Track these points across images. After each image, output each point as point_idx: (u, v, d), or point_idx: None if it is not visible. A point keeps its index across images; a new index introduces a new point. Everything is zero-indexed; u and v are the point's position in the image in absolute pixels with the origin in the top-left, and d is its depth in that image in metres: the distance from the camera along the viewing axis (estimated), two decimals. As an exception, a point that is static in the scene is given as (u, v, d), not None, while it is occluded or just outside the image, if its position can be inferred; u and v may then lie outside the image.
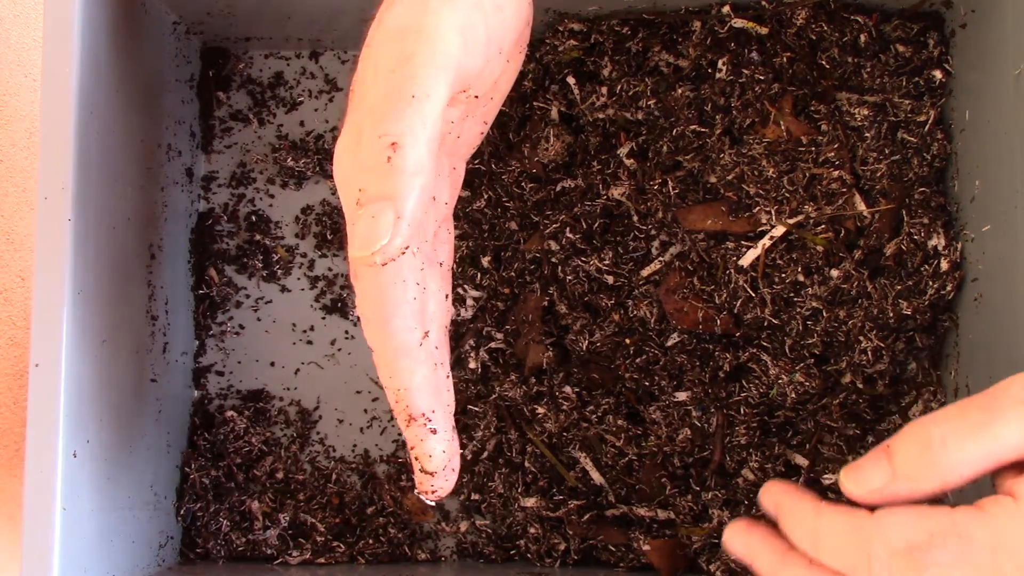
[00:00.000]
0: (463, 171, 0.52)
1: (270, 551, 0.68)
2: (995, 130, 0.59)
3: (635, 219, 0.65)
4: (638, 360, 0.65)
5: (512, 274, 0.68)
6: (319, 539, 0.68)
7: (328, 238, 0.71)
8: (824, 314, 0.62)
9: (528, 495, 0.66)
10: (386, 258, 0.42)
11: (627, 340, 0.65)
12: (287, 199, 0.72)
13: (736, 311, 0.63)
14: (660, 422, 0.64)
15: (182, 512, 0.68)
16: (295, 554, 0.68)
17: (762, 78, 0.64)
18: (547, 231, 0.66)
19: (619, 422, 0.65)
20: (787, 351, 0.63)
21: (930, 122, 0.64)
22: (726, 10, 0.65)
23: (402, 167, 0.42)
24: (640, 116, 0.66)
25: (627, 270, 0.65)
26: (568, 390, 0.66)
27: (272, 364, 0.71)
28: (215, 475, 0.68)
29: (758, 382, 0.63)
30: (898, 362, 0.64)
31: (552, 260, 0.67)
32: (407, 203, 0.42)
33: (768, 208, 0.62)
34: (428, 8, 0.44)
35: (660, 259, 0.65)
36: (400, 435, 0.70)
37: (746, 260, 0.63)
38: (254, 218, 0.72)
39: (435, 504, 0.69)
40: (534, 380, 0.67)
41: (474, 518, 0.69)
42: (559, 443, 0.66)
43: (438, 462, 0.47)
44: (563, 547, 0.66)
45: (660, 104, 0.65)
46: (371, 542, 0.68)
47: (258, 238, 0.71)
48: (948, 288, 0.62)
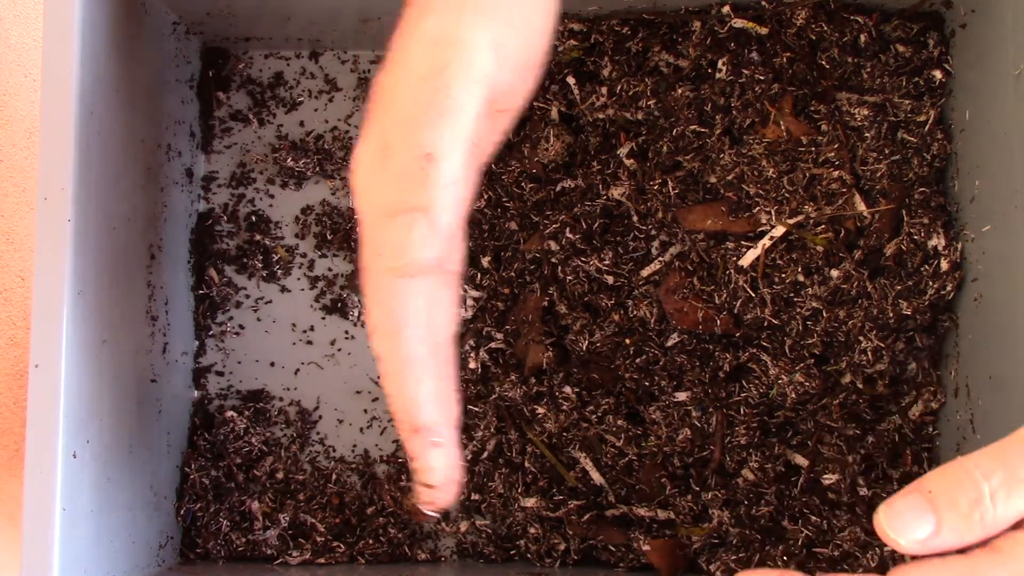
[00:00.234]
0: (478, 182, 0.52)
1: (270, 551, 0.68)
2: (995, 130, 0.59)
3: (635, 219, 0.65)
4: (638, 360, 0.65)
5: (512, 274, 0.68)
6: (319, 539, 0.68)
7: (328, 238, 0.71)
8: (824, 314, 0.62)
9: (528, 495, 0.66)
10: (416, 270, 0.42)
11: (627, 340, 0.65)
12: (287, 199, 0.72)
13: (736, 311, 0.63)
14: (660, 422, 0.64)
15: (182, 512, 0.68)
16: (295, 554, 0.68)
17: (762, 78, 0.64)
18: (547, 231, 0.66)
19: (619, 422, 0.65)
20: (787, 351, 0.63)
21: (930, 122, 0.64)
22: (726, 10, 0.65)
23: (437, 179, 0.41)
24: (640, 116, 0.66)
25: (627, 270, 0.65)
26: (568, 390, 0.66)
27: (272, 364, 0.71)
28: (215, 475, 0.68)
29: (758, 382, 0.63)
30: (898, 362, 0.64)
31: (552, 260, 0.67)
32: (443, 215, 0.41)
33: (768, 208, 0.62)
34: (462, 21, 0.43)
35: (660, 259, 0.64)
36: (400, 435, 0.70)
37: (746, 260, 0.63)
38: (254, 218, 0.72)
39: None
40: (534, 380, 0.67)
41: (474, 518, 0.69)
42: (559, 443, 0.66)
43: (440, 475, 0.46)
44: (563, 547, 0.66)
45: (660, 104, 0.65)
46: (371, 542, 0.68)
47: (258, 238, 0.71)
48: (948, 288, 0.62)
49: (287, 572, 0.66)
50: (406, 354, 0.44)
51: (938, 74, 0.64)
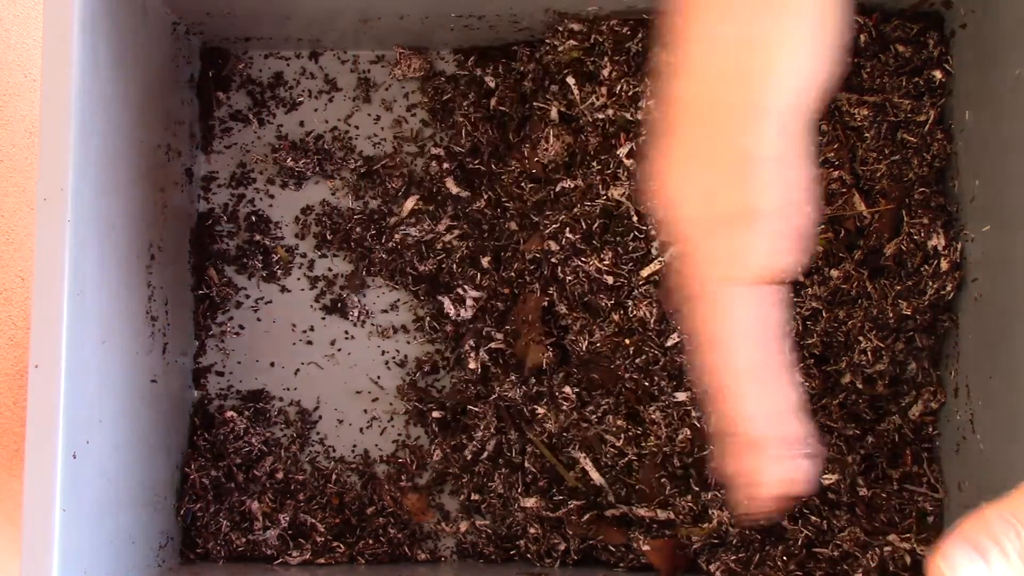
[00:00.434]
0: (810, 183, 0.50)
1: (270, 551, 0.68)
2: (995, 130, 0.59)
3: (635, 219, 0.65)
4: (638, 360, 0.65)
5: (512, 274, 0.68)
6: (319, 539, 0.68)
7: (328, 238, 0.71)
8: (824, 314, 0.62)
9: (528, 495, 0.66)
10: (755, 278, 0.41)
11: (627, 340, 0.65)
12: (287, 199, 0.72)
13: (736, 311, 0.63)
14: (660, 422, 0.64)
15: (182, 512, 0.68)
16: (295, 554, 0.68)
17: (762, 78, 0.64)
18: (547, 231, 0.66)
19: (619, 422, 0.65)
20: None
21: (930, 122, 0.64)
22: (726, 10, 0.65)
23: (792, 183, 0.40)
24: (640, 116, 0.66)
25: (627, 270, 0.65)
26: (568, 390, 0.66)
27: (272, 364, 0.71)
28: (215, 475, 0.68)
29: (758, 382, 0.63)
30: (898, 362, 0.64)
31: (552, 260, 0.67)
32: (797, 219, 0.40)
33: (768, 208, 0.62)
34: (765, 24, 0.42)
35: (660, 259, 0.65)
36: (400, 435, 0.70)
37: (746, 260, 0.63)
38: (254, 218, 0.72)
39: (434, 506, 0.70)
40: (534, 380, 0.67)
41: (474, 518, 0.69)
42: (559, 443, 0.66)
43: (775, 489, 0.44)
44: (563, 547, 0.66)
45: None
46: (371, 542, 0.68)
47: (258, 238, 0.71)
48: (948, 288, 0.62)
49: (287, 572, 0.66)
50: (741, 366, 0.42)
51: (938, 74, 0.64)
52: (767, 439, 0.43)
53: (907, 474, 0.64)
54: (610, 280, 0.65)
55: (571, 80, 0.67)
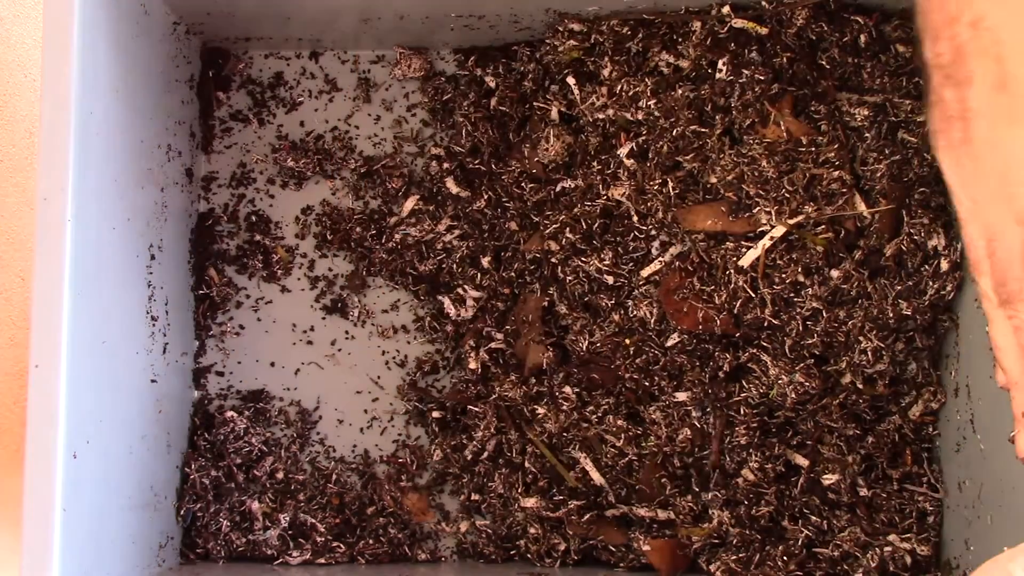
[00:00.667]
0: None
1: (270, 551, 0.68)
2: (995, 130, 0.59)
3: (635, 219, 0.65)
4: (638, 360, 0.65)
5: (512, 274, 0.68)
6: (319, 539, 0.68)
7: (328, 238, 0.71)
8: (824, 314, 0.62)
9: (528, 495, 0.66)
10: None
11: (627, 340, 0.65)
12: (287, 199, 0.72)
13: (736, 311, 0.63)
14: (660, 422, 0.64)
15: (182, 512, 0.68)
16: (295, 554, 0.68)
17: (762, 78, 0.64)
18: (547, 231, 0.66)
19: (619, 422, 0.65)
20: (787, 351, 0.63)
21: (926, 127, 0.64)
22: (726, 10, 0.65)
23: None
24: (640, 116, 0.65)
25: (627, 270, 0.65)
26: (568, 390, 0.66)
27: (272, 364, 0.71)
28: (215, 475, 0.68)
29: (758, 382, 0.63)
30: (898, 362, 0.64)
31: (552, 260, 0.67)
32: None
33: (768, 208, 0.62)
34: None
35: (660, 259, 0.64)
36: (400, 435, 0.70)
37: (746, 260, 0.63)
38: (254, 218, 0.72)
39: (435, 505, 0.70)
40: (534, 380, 0.67)
41: (474, 518, 0.69)
42: (559, 443, 0.66)
43: None
44: (563, 547, 0.66)
45: (660, 104, 0.65)
46: (371, 542, 0.68)
47: (258, 238, 0.71)
48: (948, 288, 0.62)
49: (287, 572, 0.66)
50: None
51: (938, 74, 0.64)
52: None
53: (907, 474, 0.64)
54: (610, 280, 0.65)
55: (571, 80, 0.67)
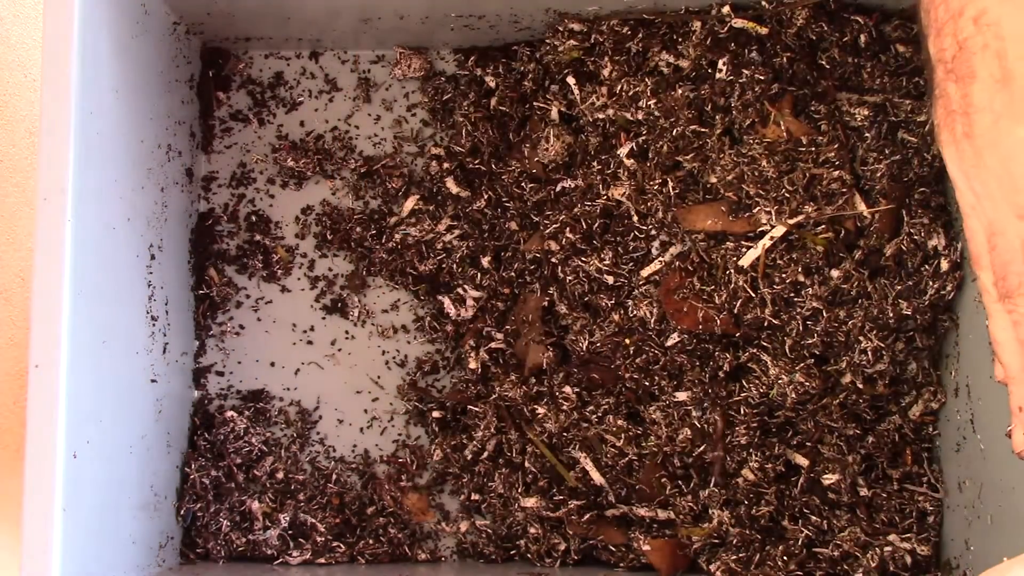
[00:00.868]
0: None
1: (270, 551, 0.68)
2: (995, 130, 0.59)
3: (635, 219, 0.65)
4: (638, 360, 0.65)
5: (512, 274, 0.68)
6: (319, 539, 0.68)
7: (328, 238, 0.71)
8: (824, 314, 0.62)
9: (528, 495, 0.66)
10: None
11: (627, 340, 0.65)
12: (287, 199, 0.72)
13: (736, 311, 0.63)
14: (660, 422, 0.64)
15: (182, 512, 0.68)
16: (295, 554, 0.68)
17: (762, 78, 0.64)
18: (547, 231, 0.66)
19: (619, 422, 0.65)
20: (787, 351, 0.63)
21: (930, 122, 0.64)
22: (726, 10, 0.65)
23: None
24: (640, 116, 0.65)
25: (627, 270, 0.65)
26: (568, 390, 0.66)
27: (272, 364, 0.71)
28: (215, 475, 0.68)
29: (758, 382, 0.63)
30: (898, 362, 0.64)
31: (552, 260, 0.67)
32: None
33: (768, 208, 0.62)
34: None
35: (660, 259, 0.64)
36: (400, 435, 0.70)
37: (746, 260, 0.63)
38: (254, 218, 0.72)
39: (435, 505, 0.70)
40: (534, 380, 0.67)
41: (474, 518, 0.69)
42: (559, 443, 0.66)
43: None
44: (563, 547, 0.66)
45: (660, 104, 0.65)
46: (371, 542, 0.68)
47: (258, 238, 0.71)
48: (948, 288, 0.62)
49: (287, 572, 0.66)
50: None
51: (938, 74, 0.64)
52: None
53: (907, 474, 0.64)
54: (610, 280, 0.65)
55: (571, 80, 0.67)
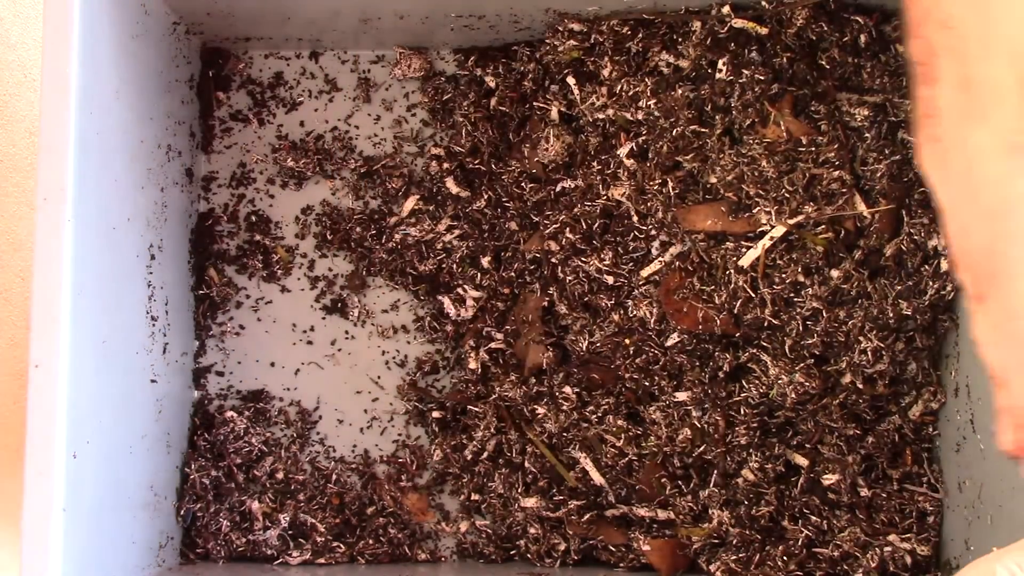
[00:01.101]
0: None
1: (270, 551, 0.68)
2: (995, 130, 0.59)
3: (635, 219, 0.65)
4: (638, 360, 0.65)
5: (512, 274, 0.68)
6: (319, 539, 0.68)
7: (328, 238, 0.71)
8: (824, 314, 0.62)
9: (528, 495, 0.66)
10: None
11: (627, 340, 0.65)
12: (287, 199, 0.72)
13: (736, 311, 0.63)
14: (660, 422, 0.64)
15: (182, 512, 0.68)
16: (295, 554, 0.68)
17: (762, 78, 0.64)
18: (547, 231, 0.66)
19: (619, 422, 0.65)
20: (787, 351, 0.63)
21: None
22: (726, 10, 0.65)
23: None
24: (640, 116, 0.65)
25: (627, 270, 0.65)
26: (568, 390, 0.66)
27: (272, 364, 0.71)
28: (215, 475, 0.68)
29: (758, 382, 0.63)
30: (898, 362, 0.64)
31: (552, 260, 0.67)
32: None
33: (768, 208, 0.62)
34: None
35: (660, 259, 0.64)
36: (400, 435, 0.70)
37: (746, 260, 0.63)
38: (254, 218, 0.72)
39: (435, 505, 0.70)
40: (534, 380, 0.67)
41: (474, 518, 0.69)
42: (559, 443, 0.66)
43: None
44: (563, 547, 0.66)
45: (660, 104, 0.65)
46: (371, 542, 0.68)
47: (258, 238, 0.71)
48: (948, 288, 0.62)
49: (287, 572, 0.66)
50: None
51: (938, 74, 0.64)
52: None
53: (907, 474, 0.64)
54: (610, 280, 0.65)
55: (571, 80, 0.67)
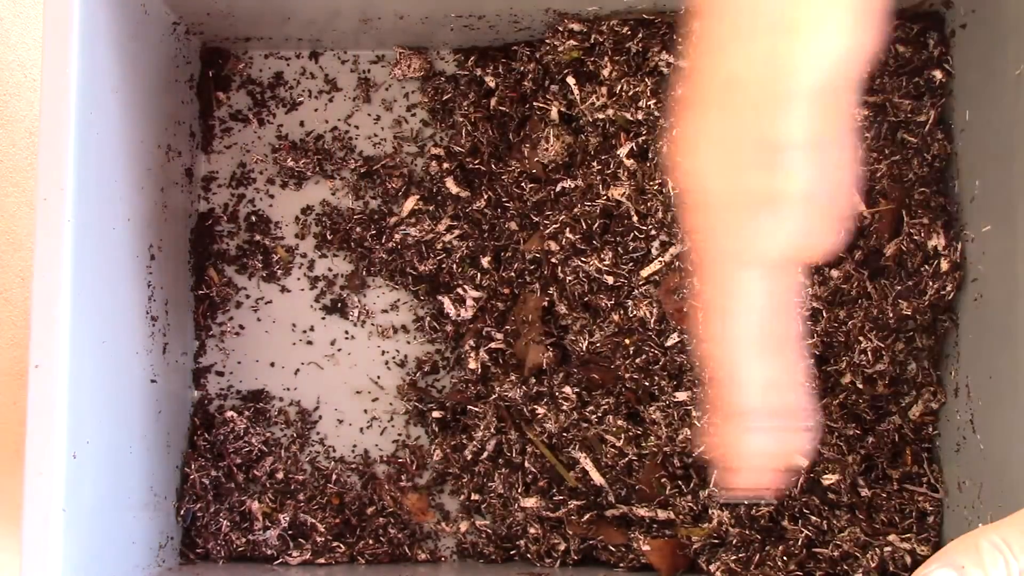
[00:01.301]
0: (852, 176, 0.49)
1: (270, 551, 0.68)
2: (995, 130, 0.59)
3: (635, 219, 0.65)
4: (638, 360, 0.65)
5: (512, 274, 0.68)
6: (319, 539, 0.68)
7: (328, 238, 0.71)
8: (824, 314, 0.62)
9: (528, 495, 0.66)
10: (798, 262, 0.42)
11: (627, 340, 0.65)
12: (287, 199, 0.72)
13: (736, 311, 0.63)
14: (660, 422, 0.64)
15: (182, 512, 0.68)
16: (295, 554, 0.68)
17: (762, 78, 0.64)
18: (547, 231, 0.66)
19: (619, 422, 0.65)
20: (787, 351, 0.63)
21: (930, 122, 0.64)
22: (726, 10, 0.65)
23: (825, 168, 0.40)
24: (640, 116, 0.66)
25: (627, 270, 0.65)
26: (568, 390, 0.66)
27: (272, 364, 0.71)
28: (215, 475, 0.68)
29: (758, 382, 0.63)
30: (898, 362, 0.64)
31: (552, 260, 0.67)
32: (828, 204, 0.41)
33: (768, 208, 0.62)
34: (807, 6, 0.40)
35: (660, 259, 0.65)
36: (400, 435, 0.70)
37: (746, 260, 0.63)
38: (254, 218, 0.72)
39: (434, 506, 0.70)
40: (534, 380, 0.67)
41: (474, 518, 0.69)
42: (559, 443, 0.66)
43: (768, 460, 0.45)
44: (563, 547, 0.66)
45: (660, 104, 0.65)
46: (371, 542, 0.68)
47: (258, 238, 0.71)
48: (948, 288, 0.62)
49: (287, 572, 0.66)
50: (744, 336, 0.43)
51: (938, 74, 0.64)
52: (761, 409, 0.44)
53: (907, 474, 0.64)
54: (610, 280, 0.65)
55: (571, 80, 0.67)
